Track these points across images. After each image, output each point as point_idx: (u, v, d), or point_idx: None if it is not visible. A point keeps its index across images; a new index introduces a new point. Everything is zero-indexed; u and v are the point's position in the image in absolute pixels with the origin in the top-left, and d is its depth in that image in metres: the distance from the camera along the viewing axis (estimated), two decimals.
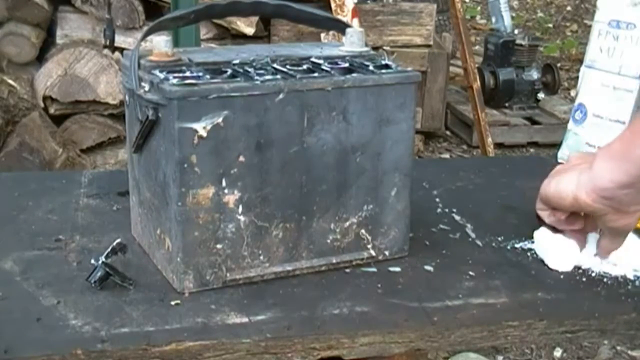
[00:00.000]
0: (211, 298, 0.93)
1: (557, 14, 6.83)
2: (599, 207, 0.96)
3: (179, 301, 0.92)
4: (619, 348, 2.42)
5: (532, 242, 1.09)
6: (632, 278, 1.01)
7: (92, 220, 1.14)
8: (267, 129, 0.92)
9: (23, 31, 3.20)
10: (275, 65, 0.99)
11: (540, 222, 1.12)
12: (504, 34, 4.27)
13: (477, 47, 5.25)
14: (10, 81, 3.09)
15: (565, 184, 0.99)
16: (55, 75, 3.13)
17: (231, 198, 0.93)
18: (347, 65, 1.02)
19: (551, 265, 1.04)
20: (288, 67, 0.99)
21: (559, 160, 1.43)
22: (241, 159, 0.92)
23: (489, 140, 3.58)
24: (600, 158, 0.95)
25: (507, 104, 4.31)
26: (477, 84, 3.61)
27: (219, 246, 0.94)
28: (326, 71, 0.98)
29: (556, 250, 1.05)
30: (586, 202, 0.96)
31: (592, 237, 1.06)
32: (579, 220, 1.04)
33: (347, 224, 1.00)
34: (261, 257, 0.97)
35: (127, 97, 1.02)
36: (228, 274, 0.95)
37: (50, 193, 1.23)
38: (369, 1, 3.68)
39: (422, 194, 1.27)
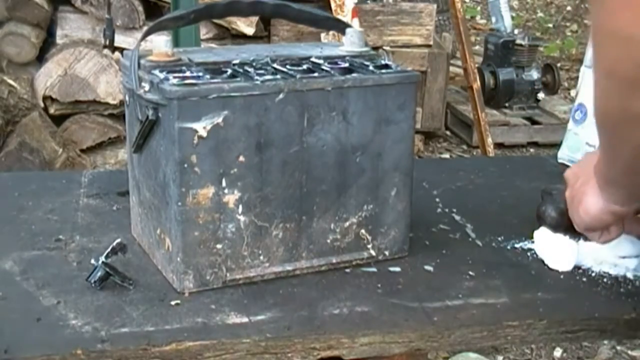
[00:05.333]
0: (211, 298, 0.93)
1: (557, 14, 6.83)
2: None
3: (179, 301, 0.92)
4: (619, 348, 2.41)
5: (532, 242, 1.09)
6: (632, 278, 1.01)
7: (92, 220, 1.14)
8: (267, 129, 0.92)
9: (23, 31, 3.20)
10: (275, 65, 0.99)
11: (540, 222, 1.12)
12: (504, 34, 4.27)
13: (477, 47, 5.25)
14: (10, 81, 3.09)
15: (595, 208, 0.93)
16: (55, 75, 3.13)
17: (231, 198, 0.93)
18: (347, 65, 1.02)
19: (551, 265, 1.04)
20: (288, 67, 0.99)
21: (559, 161, 1.43)
22: (241, 159, 0.92)
23: (489, 140, 3.58)
24: (598, 185, 0.91)
25: (507, 104, 4.31)
26: (477, 84, 3.61)
27: (219, 246, 0.94)
28: (326, 71, 0.98)
29: (556, 250, 1.05)
30: (626, 211, 0.92)
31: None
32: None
33: (347, 224, 1.00)
34: (261, 257, 0.97)
35: (127, 97, 1.02)
36: (228, 274, 0.95)
37: (50, 193, 1.23)
38: (369, 1, 3.68)
39: (422, 194, 1.27)
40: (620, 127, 0.73)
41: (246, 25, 3.20)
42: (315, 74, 0.97)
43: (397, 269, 1.02)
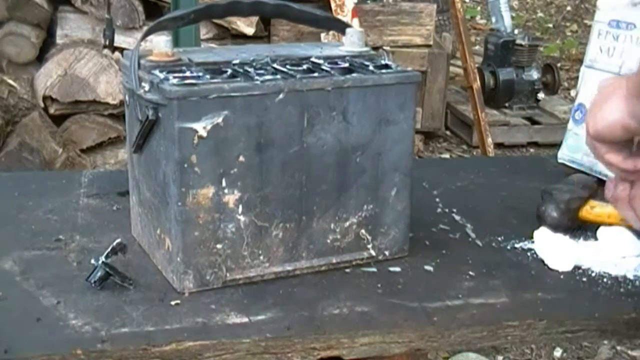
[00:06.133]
0: (211, 298, 0.93)
1: (557, 14, 6.83)
2: None
3: (179, 301, 0.92)
4: (619, 348, 2.41)
5: (532, 242, 1.09)
6: (632, 278, 1.01)
7: (92, 220, 1.14)
8: (267, 129, 0.92)
9: (23, 31, 3.20)
10: (275, 65, 0.99)
11: (540, 222, 1.12)
12: (504, 34, 4.27)
13: (477, 47, 5.25)
14: (10, 81, 3.09)
15: (613, 115, 0.86)
16: (55, 75, 3.13)
17: (231, 198, 0.93)
18: (347, 65, 1.02)
19: (551, 265, 1.04)
20: (288, 67, 0.99)
21: (559, 161, 1.43)
22: (241, 159, 0.92)
23: (489, 140, 3.58)
24: (626, 94, 0.84)
25: (507, 104, 4.31)
26: (477, 84, 3.61)
27: (219, 246, 0.94)
28: (326, 71, 0.98)
29: (556, 250, 1.05)
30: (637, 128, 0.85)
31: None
32: None
33: (347, 224, 1.00)
34: (261, 257, 0.97)
35: (127, 97, 1.02)
36: (228, 274, 0.95)
37: (50, 193, 1.23)
38: (369, 1, 3.68)
39: (422, 194, 1.27)
40: None
41: (246, 25, 3.20)
42: (315, 74, 0.97)
43: (397, 269, 1.02)
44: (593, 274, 1.02)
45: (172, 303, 0.91)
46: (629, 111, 0.83)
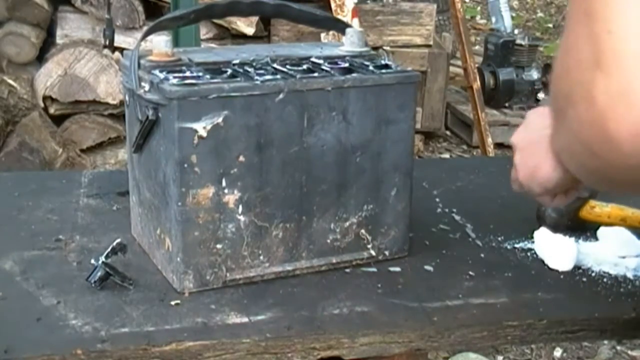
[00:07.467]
0: (211, 298, 0.93)
1: (557, 14, 6.83)
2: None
3: (179, 301, 0.92)
4: (619, 348, 2.41)
5: (532, 242, 1.09)
6: (632, 278, 1.01)
7: (92, 220, 1.14)
8: (267, 129, 0.92)
9: (23, 31, 3.20)
10: (275, 65, 0.99)
11: (540, 222, 1.12)
12: (504, 34, 4.27)
13: (477, 47, 5.24)
14: (10, 81, 3.09)
15: (547, 173, 0.86)
16: (55, 75, 3.13)
17: (231, 198, 0.93)
18: (347, 65, 1.02)
19: (551, 265, 1.04)
20: (288, 67, 0.99)
21: None
22: (241, 159, 0.92)
23: (489, 140, 3.58)
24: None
25: (507, 104, 4.31)
26: (477, 84, 3.61)
27: (219, 246, 0.94)
28: (326, 71, 0.98)
29: (556, 250, 1.05)
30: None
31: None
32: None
33: (347, 224, 1.00)
34: (261, 257, 0.97)
35: (127, 97, 1.02)
36: (228, 274, 0.95)
37: (50, 193, 1.23)
38: (369, 1, 3.68)
39: (422, 194, 1.27)
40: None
41: (246, 25, 3.20)
42: (315, 74, 0.97)
43: (397, 269, 1.02)
44: (593, 274, 1.02)
45: (172, 303, 0.91)
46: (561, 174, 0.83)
